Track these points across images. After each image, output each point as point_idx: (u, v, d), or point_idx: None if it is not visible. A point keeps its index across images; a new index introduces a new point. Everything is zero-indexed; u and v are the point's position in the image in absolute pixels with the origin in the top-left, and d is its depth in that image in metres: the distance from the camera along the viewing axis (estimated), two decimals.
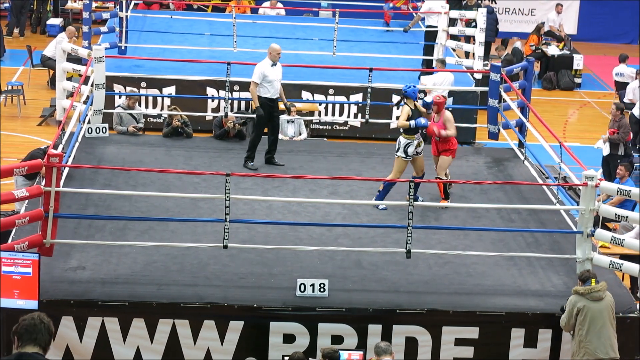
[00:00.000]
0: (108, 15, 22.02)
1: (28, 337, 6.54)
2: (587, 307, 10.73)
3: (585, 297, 10.75)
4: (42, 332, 6.57)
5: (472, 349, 11.18)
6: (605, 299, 10.81)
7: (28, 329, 6.55)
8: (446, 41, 20.73)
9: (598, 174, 11.84)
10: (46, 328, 6.59)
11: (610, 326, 10.80)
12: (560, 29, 26.90)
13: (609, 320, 10.79)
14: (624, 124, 17.80)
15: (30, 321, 6.56)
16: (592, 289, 10.76)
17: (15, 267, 10.23)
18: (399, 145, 13.34)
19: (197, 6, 26.94)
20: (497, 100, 15.73)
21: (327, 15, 26.30)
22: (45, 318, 6.64)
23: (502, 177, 14.95)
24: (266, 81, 14.47)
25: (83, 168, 13.73)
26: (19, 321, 6.62)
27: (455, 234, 12.53)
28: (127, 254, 11.73)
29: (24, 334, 6.55)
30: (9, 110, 20.65)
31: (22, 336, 6.55)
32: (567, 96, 24.48)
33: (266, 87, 14.52)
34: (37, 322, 6.57)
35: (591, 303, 10.74)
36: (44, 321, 6.60)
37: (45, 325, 6.60)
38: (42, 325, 6.58)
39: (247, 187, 13.67)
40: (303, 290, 11.03)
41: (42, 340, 6.56)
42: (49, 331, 6.59)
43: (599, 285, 10.79)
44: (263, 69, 14.45)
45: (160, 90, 19.23)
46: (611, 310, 10.84)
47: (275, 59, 14.54)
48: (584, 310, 10.73)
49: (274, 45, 14.69)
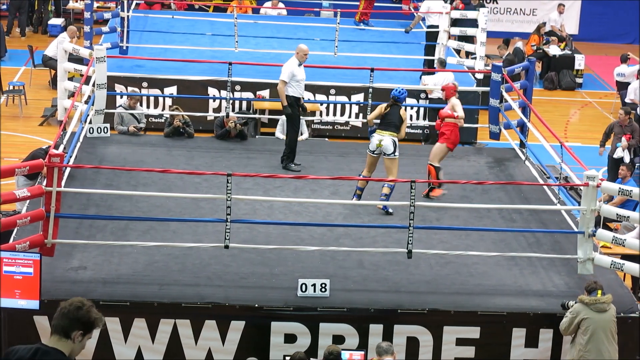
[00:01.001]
0: (109, 15, 22.01)
1: (54, 326, 6.10)
2: (590, 318, 10.72)
3: (590, 307, 10.74)
4: (59, 319, 6.06)
5: (474, 349, 11.19)
6: (610, 311, 10.82)
7: (56, 317, 6.10)
8: (447, 41, 20.71)
9: (600, 174, 11.84)
10: (66, 313, 6.04)
11: (611, 338, 10.79)
12: (561, 29, 26.89)
13: (610, 332, 10.80)
14: (635, 128, 17.80)
15: (60, 309, 6.08)
16: (597, 300, 10.75)
17: (16, 267, 10.23)
18: (396, 145, 13.31)
19: (199, 6, 26.93)
20: (498, 100, 15.73)
21: (328, 15, 26.30)
22: (75, 303, 6.09)
23: (503, 177, 14.95)
24: (294, 80, 14.55)
25: (84, 168, 13.73)
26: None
27: (457, 234, 12.53)
28: (129, 254, 11.73)
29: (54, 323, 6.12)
30: (10, 110, 20.66)
31: (52, 325, 6.14)
32: (568, 96, 24.47)
33: (294, 87, 14.59)
34: (64, 310, 6.07)
35: (595, 314, 10.73)
36: (69, 307, 6.06)
37: (69, 310, 6.06)
38: (66, 311, 6.06)
39: (248, 187, 13.67)
40: (304, 290, 11.03)
41: (60, 327, 6.06)
42: (69, 317, 6.03)
43: (604, 297, 10.79)
44: (292, 69, 14.52)
45: (161, 90, 19.23)
46: (613, 322, 10.85)
47: (302, 59, 14.64)
48: (587, 321, 10.72)
49: (302, 46, 14.79)
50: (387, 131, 13.32)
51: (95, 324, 6.16)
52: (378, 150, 13.31)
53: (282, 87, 14.52)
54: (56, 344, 6.07)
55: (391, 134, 13.30)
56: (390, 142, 13.26)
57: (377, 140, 13.29)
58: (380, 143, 13.26)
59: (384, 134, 13.30)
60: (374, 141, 13.34)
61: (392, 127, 13.35)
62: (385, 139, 13.26)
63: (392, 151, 13.28)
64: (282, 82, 14.50)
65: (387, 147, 13.24)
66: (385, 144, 13.24)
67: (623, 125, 17.75)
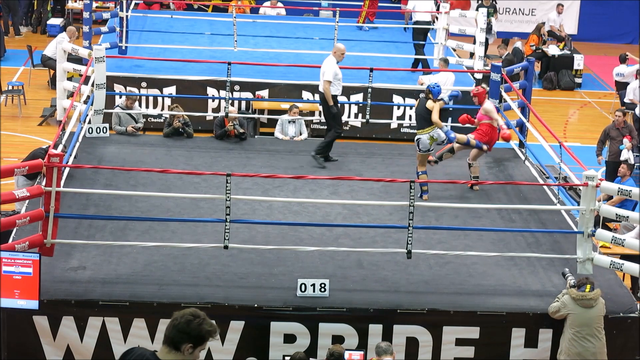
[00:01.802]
0: (108, 15, 22.00)
1: (165, 337, 5.98)
2: (576, 312, 10.80)
3: (577, 302, 10.80)
4: (170, 330, 5.96)
5: (473, 349, 11.19)
6: (596, 307, 10.84)
7: (168, 327, 6.01)
8: (446, 40, 20.71)
9: (599, 174, 11.85)
10: (176, 325, 5.93)
11: (596, 333, 10.82)
12: (560, 29, 26.89)
13: (596, 327, 10.82)
14: (632, 128, 17.84)
15: (172, 320, 5.99)
16: (584, 296, 10.80)
17: (16, 267, 10.23)
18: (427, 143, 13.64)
19: (198, 6, 26.94)
20: (497, 100, 15.72)
21: (327, 15, 26.30)
22: (186, 316, 5.96)
23: (502, 177, 14.95)
24: (336, 79, 14.76)
25: (84, 168, 13.73)
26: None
27: (456, 234, 12.53)
28: (128, 254, 11.73)
29: (165, 334, 6.01)
30: (9, 110, 20.65)
31: (164, 335, 6.01)
32: (567, 96, 24.47)
33: (335, 85, 14.79)
34: (175, 321, 5.99)
35: (581, 309, 10.80)
36: (180, 319, 5.96)
37: (179, 323, 5.94)
38: (177, 323, 5.96)
39: (247, 187, 13.66)
40: (304, 290, 11.03)
41: (170, 339, 5.94)
42: (178, 329, 5.92)
43: (591, 294, 10.83)
44: (335, 68, 14.69)
45: (160, 90, 19.23)
46: (600, 318, 10.89)
47: (340, 58, 14.82)
48: (573, 315, 10.81)
49: (340, 45, 15.08)
50: (420, 129, 13.72)
51: (206, 337, 5.95)
52: (420, 149, 13.72)
53: (327, 87, 14.72)
54: (166, 356, 5.95)
55: (426, 131, 13.64)
56: (426, 140, 13.66)
57: (415, 139, 13.81)
58: (417, 142, 13.73)
59: (421, 133, 13.71)
60: (421, 140, 13.70)
61: (425, 123, 13.65)
62: (422, 138, 13.68)
63: (428, 149, 13.72)
64: (327, 82, 14.70)
65: (425, 145, 13.69)
66: (423, 141, 13.68)
67: (620, 128, 17.75)
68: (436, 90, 13.68)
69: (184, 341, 5.89)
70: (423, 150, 13.67)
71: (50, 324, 10.78)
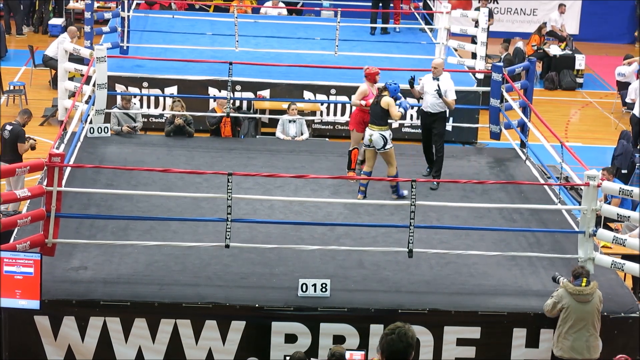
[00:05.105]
0: (110, 15, 21.99)
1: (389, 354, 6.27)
2: (572, 306, 10.76)
3: (573, 296, 10.77)
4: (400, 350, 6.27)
5: (474, 349, 11.19)
6: (593, 301, 10.81)
7: (389, 345, 6.29)
8: (447, 40, 20.71)
9: (600, 174, 11.84)
10: (403, 343, 6.27)
11: (592, 328, 10.80)
12: (562, 29, 26.88)
13: (591, 322, 10.80)
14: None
15: (389, 337, 6.29)
16: (580, 291, 10.76)
17: (17, 266, 10.23)
18: (386, 139, 13.42)
19: (199, 6, 26.93)
20: (499, 100, 15.72)
21: (329, 15, 26.29)
22: (402, 336, 6.28)
23: (503, 177, 14.94)
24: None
25: (85, 168, 13.73)
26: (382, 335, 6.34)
27: (457, 234, 12.53)
28: (129, 253, 11.73)
29: (385, 350, 6.31)
30: (10, 110, 20.63)
31: (383, 352, 6.32)
32: (569, 96, 24.45)
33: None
34: (395, 340, 6.27)
35: (577, 304, 10.76)
36: (402, 339, 6.28)
37: (404, 342, 6.27)
38: (400, 342, 6.27)
39: (248, 187, 13.67)
40: (305, 290, 11.03)
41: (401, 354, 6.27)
42: (406, 344, 6.26)
43: (588, 288, 10.78)
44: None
45: (162, 90, 19.23)
46: (597, 312, 10.85)
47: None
48: (569, 309, 10.77)
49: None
50: (376, 125, 13.46)
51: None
52: (371, 145, 13.52)
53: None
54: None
55: (380, 127, 13.39)
56: (379, 137, 13.38)
57: (368, 135, 13.53)
58: (370, 138, 13.44)
59: (373, 129, 13.45)
60: (366, 136, 13.57)
61: (379, 120, 13.46)
62: (374, 134, 13.43)
63: (382, 145, 13.39)
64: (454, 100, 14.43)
65: (377, 143, 13.43)
66: (375, 139, 13.40)
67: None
68: (392, 87, 13.68)
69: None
70: (377, 148, 13.49)
71: (52, 324, 10.78)
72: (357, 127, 14.13)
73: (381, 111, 13.48)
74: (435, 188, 14.10)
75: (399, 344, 6.28)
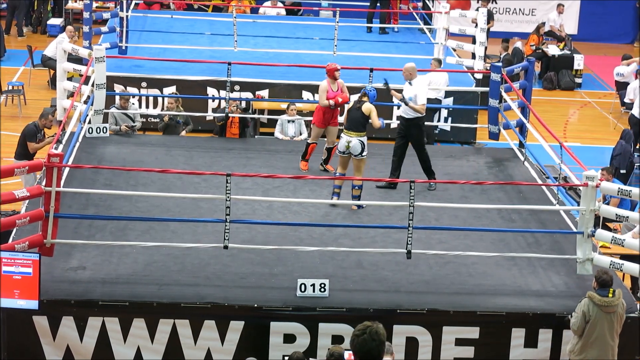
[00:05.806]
0: (109, 15, 22.00)
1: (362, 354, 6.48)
2: (598, 317, 10.58)
3: (599, 307, 10.59)
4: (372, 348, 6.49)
5: (473, 349, 11.19)
6: (617, 309, 10.69)
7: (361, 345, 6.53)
8: (446, 41, 20.72)
9: (598, 174, 11.84)
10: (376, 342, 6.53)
11: (615, 336, 10.72)
12: (560, 29, 26.89)
13: (615, 329, 10.71)
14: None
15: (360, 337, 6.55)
16: (609, 303, 10.59)
17: (15, 267, 10.23)
18: (364, 146, 13.37)
19: (198, 6, 26.94)
20: (497, 100, 15.72)
21: (327, 15, 26.29)
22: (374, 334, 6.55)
23: (502, 177, 14.95)
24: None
25: (83, 168, 13.73)
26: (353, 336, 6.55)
27: (456, 234, 12.53)
28: (128, 254, 11.73)
29: (358, 351, 6.54)
30: (9, 110, 20.65)
31: (356, 352, 6.54)
32: (567, 96, 24.46)
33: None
34: (367, 340, 6.53)
35: (604, 314, 10.61)
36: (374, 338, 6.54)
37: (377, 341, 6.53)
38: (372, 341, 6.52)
39: (247, 187, 13.67)
40: (303, 290, 11.03)
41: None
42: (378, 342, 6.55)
43: (615, 299, 10.62)
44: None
45: (160, 90, 19.23)
46: (620, 319, 10.75)
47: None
48: (595, 320, 10.59)
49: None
50: (355, 131, 13.37)
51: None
52: (347, 152, 13.38)
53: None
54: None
55: (358, 134, 13.34)
56: (358, 144, 13.33)
57: (345, 141, 13.39)
58: (348, 145, 13.34)
59: (351, 135, 13.34)
60: (342, 142, 13.44)
61: (359, 127, 13.40)
62: (352, 140, 13.33)
63: (360, 152, 13.36)
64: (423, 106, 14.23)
65: (355, 149, 13.35)
66: (353, 145, 13.32)
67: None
68: (372, 94, 13.62)
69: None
70: (354, 154, 13.36)
71: (50, 324, 10.78)
72: (318, 123, 14.59)
73: (362, 117, 13.41)
74: (433, 188, 14.11)
75: (371, 342, 6.39)
